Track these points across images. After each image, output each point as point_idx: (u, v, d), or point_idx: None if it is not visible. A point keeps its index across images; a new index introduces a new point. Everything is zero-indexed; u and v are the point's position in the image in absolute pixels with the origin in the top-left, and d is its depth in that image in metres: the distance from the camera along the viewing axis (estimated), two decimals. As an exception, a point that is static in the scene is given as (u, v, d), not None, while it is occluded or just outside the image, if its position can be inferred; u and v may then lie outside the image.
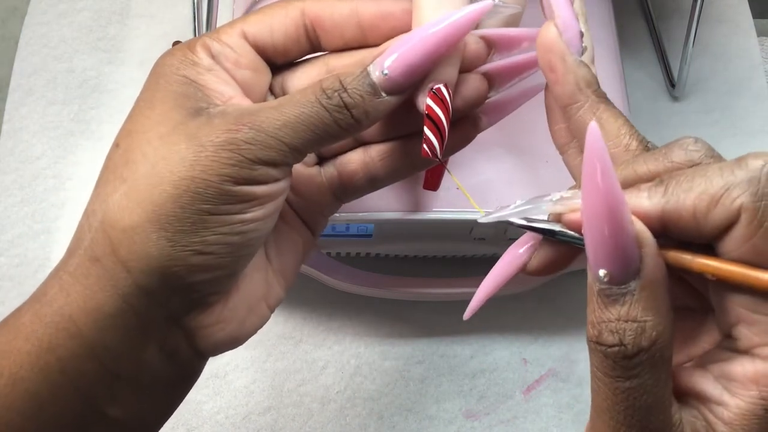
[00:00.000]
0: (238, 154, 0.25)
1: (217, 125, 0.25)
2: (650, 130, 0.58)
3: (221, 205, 0.25)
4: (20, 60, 0.59)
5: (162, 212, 0.25)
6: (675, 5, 0.63)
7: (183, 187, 0.25)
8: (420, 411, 0.48)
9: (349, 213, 0.40)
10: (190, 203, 0.25)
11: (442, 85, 0.28)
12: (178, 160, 0.25)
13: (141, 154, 0.26)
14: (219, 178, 0.25)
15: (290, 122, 0.26)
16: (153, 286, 0.25)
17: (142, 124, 0.26)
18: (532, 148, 0.43)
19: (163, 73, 0.27)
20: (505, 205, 0.28)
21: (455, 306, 0.51)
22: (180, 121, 0.26)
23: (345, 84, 0.26)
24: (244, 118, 0.26)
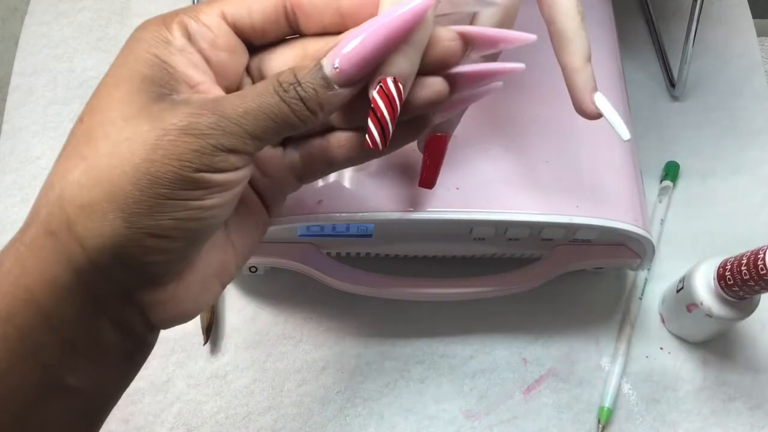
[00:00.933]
0: (200, 140, 0.25)
1: (180, 110, 0.26)
2: (650, 130, 0.58)
3: (180, 191, 0.26)
4: (20, 60, 0.59)
5: (120, 193, 0.25)
6: (675, 5, 0.63)
7: (143, 170, 0.25)
8: (420, 411, 0.48)
9: (349, 213, 0.40)
10: (148, 186, 0.25)
11: (390, 78, 0.28)
12: (140, 142, 0.25)
13: (103, 133, 0.26)
14: (179, 164, 0.25)
15: (251, 111, 0.26)
16: (106, 263, 0.26)
17: (107, 102, 0.27)
18: (532, 148, 0.43)
19: (133, 50, 0.28)
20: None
21: (455, 306, 0.51)
22: (144, 104, 0.26)
23: (299, 77, 0.27)
24: (207, 104, 0.26)
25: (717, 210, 0.55)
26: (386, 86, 0.28)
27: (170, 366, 0.48)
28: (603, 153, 0.44)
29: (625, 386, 0.49)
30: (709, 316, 0.45)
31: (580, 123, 0.36)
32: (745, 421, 0.49)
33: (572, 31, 0.34)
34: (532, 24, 0.36)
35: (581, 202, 0.42)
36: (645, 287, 0.52)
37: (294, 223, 0.41)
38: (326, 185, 0.41)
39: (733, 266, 0.43)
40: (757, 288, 0.42)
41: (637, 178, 0.45)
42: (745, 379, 0.50)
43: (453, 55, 0.30)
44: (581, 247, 0.47)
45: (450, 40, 0.29)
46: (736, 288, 0.43)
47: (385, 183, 0.41)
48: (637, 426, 0.48)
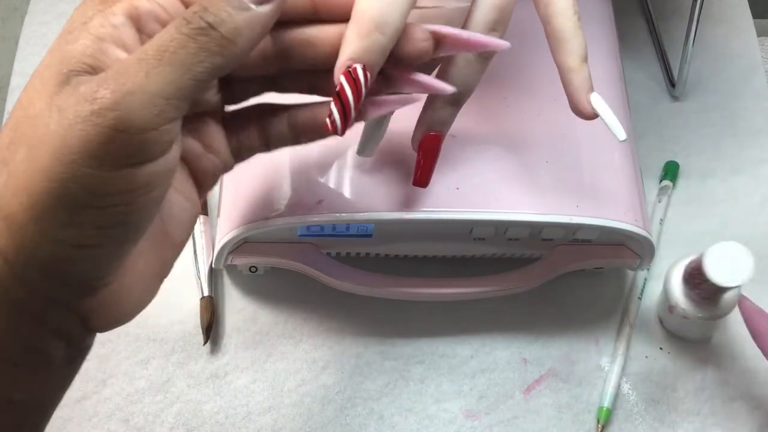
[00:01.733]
0: (108, 127, 0.22)
1: (81, 94, 0.23)
2: (650, 130, 0.58)
3: (101, 196, 0.23)
4: (20, 60, 0.59)
5: (37, 204, 0.23)
6: (675, 5, 0.63)
7: (56, 178, 0.23)
8: (420, 411, 0.48)
9: (349, 213, 0.40)
10: (65, 195, 0.23)
11: (360, 66, 0.28)
12: (49, 143, 0.23)
13: (21, 134, 0.24)
14: (95, 162, 0.22)
15: (155, 69, 0.23)
16: (32, 278, 0.24)
17: (29, 95, 0.24)
18: (532, 148, 0.43)
19: (70, 29, 0.25)
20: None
21: (455, 306, 0.51)
22: (54, 90, 0.24)
23: (205, 3, 0.24)
24: (106, 80, 0.23)
25: (717, 210, 0.55)
26: (354, 73, 0.28)
27: (170, 366, 0.48)
28: (603, 153, 0.44)
29: (625, 386, 0.49)
30: (685, 317, 0.45)
31: (580, 123, 0.36)
32: (745, 421, 0.49)
33: (569, 30, 0.34)
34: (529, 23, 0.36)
35: (581, 202, 0.42)
36: (644, 287, 0.52)
37: (294, 223, 0.41)
38: (326, 185, 0.41)
39: (692, 267, 0.43)
40: (710, 291, 0.42)
41: (637, 178, 0.45)
42: (745, 379, 0.50)
43: (423, 56, 0.30)
44: (581, 247, 0.47)
45: (422, 40, 0.29)
46: (699, 290, 0.43)
47: (385, 183, 0.41)
48: (637, 426, 0.48)
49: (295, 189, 0.41)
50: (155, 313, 0.49)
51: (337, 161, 0.42)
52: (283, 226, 0.41)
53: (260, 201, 0.41)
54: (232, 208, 0.42)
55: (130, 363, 0.48)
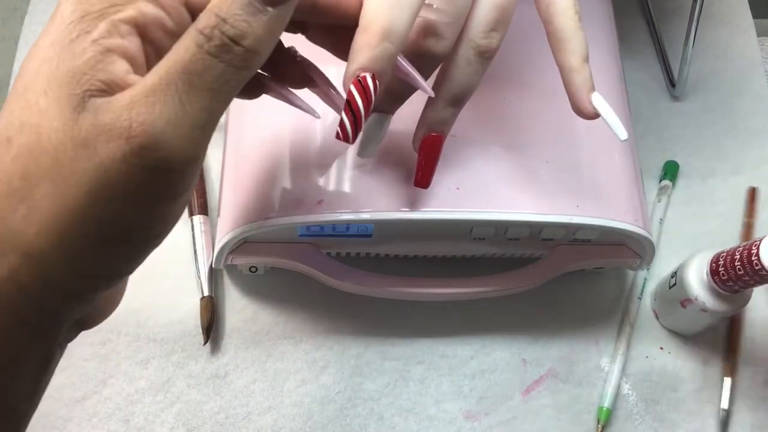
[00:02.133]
0: (149, 169, 0.22)
1: (108, 127, 0.22)
2: (650, 130, 0.58)
3: (139, 232, 0.23)
4: (20, 60, 0.59)
5: (70, 244, 0.22)
6: (675, 5, 0.63)
7: (94, 219, 0.22)
8: (420, 411, 0.48)
9: (349, 213, 0.40)
10: (103, 236, 0.22)
11: (369, 75, 0.28)
12: (81, 185, 0.22)
13: (37, 166, 0.22)
14: (134, 202, 0.22)
15: (187, 97, 0.22)
16: (55, 309, 0.24)
17: (36, 117, 0.22)
18: (532, 148, 0.43)
19: (69, 40, 0.23)
20: None
21: (455, 306, 0.51)
22: (71, 116, 0.22)
23: (222, 14, 0.22)
24: (133, 110, 0.22)
25: (717, 210, 0.55)
26: (365, 82, 0.28)
27: (170, 366, 0.48)
28: (603, 153, 0.44)
29: (625, 386, 0.49)
30: (704, 311, 0.45)
31: (580, 123, 0.36)
32: (746, 422, 0.49)
33: (570, 30, 0.34)
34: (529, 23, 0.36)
35: (581, 202, 0.42)
36: (644, 287, 0.52)
37: (294, 223, 0.41)
38: (326, 185, 0.41)
39: (726, 261, 0.43)
40: (752, 282, 0.42)
41: (637, 178, 0.45)
42: (745, 378, 0.50)
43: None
44: (581, 247, 0.47)
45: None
46: (731, 283, 0.43)
47: (385, 183, 0.41)
48: (637, 426, 0.48)
49: (295, 189, 0.41)
50: (155, 313, 0.49)
51: (337, 161, 0.42)
52: (283, 226, 0.41)
53: (260, 201, 0.41)
54: (232, 208, 0.42)
55: (130, 363, 0.48)
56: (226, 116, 0.47)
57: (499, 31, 0.33)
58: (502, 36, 0.33)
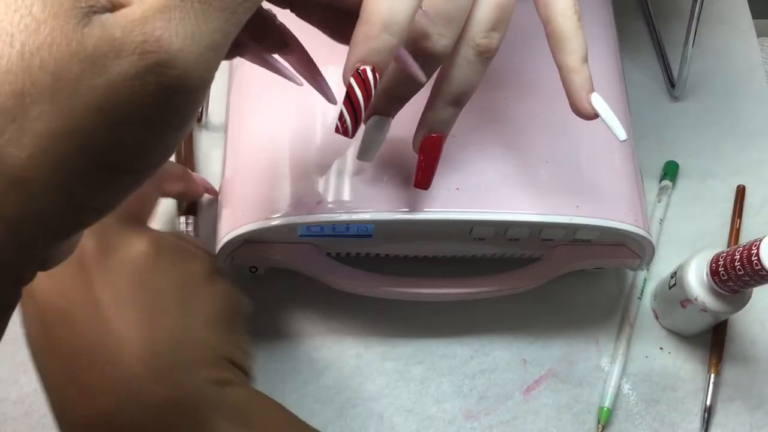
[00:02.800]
0: (165, 89, 0.21)
1: (118, 41, 0.20)
2: (650, 130, 0.58)
3: (142, 159, 0.22)
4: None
5: (68, 170, 0.21)
6: (675, 6, 0.63)
7: (98, 143, 0.21)
8: (420, 411, 0.48)
9: (349, 213, 0.40)
10: (106, 162, 0.21)
11: (369, 68, 0.28)
12: (86, 104, 0.20)
13: (32, 83, 0.20)
14: (144, 126, 0.21)
15: (203, 15, 0.21)
16: (38, 245, 0.22)
17: (31, 28, 0.20)
18: (532, 148, 0.43)
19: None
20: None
21: (455, 306, 0.51)
22: (71, 31, 0.20)
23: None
24: (147, 25, 0.20)
25: (716, 210, 0.55)
26: (364, 74, 0.28)
27: (170, 366, 0.48)
28: (603, 153, 0.44)
29: (625, 386, 0.49)
30: (704, 311, 0.45)
31: (580, 123, 0.36)
32: (745, 421, 0.49)
33: (569, 31, 0.34)
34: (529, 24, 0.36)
35: (581, 202, 0.42)
36: (644, 287, 0.52)
37: (294, 223, 0.41)
38: (326, 185, 0.41)
39: (726, 261, 0.43)
40: (752, 282, 0.42)
41: (637, 178, 0.45)
42: (745, 379, 0.50)
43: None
44: (581, 247, 0.47)
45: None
46: (731, 283, 0.43)
47: (385, 183, 0.41)
48: (637, 426, 0.48)
49: (295, 189, 0.41)
50: (155, 313, 0.49)
51: (337, 162, 0.42)
52: (283, 226, 0.41)
53: (260, 201, 0.41)
54: (232, 209, 0.42)
55: (130, 363, 0.48)
56: (226, 116, 0.47)
57: (499, 31, 0.33)
58: (502, 36, 0.33)
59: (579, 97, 0.35)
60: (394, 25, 0.28)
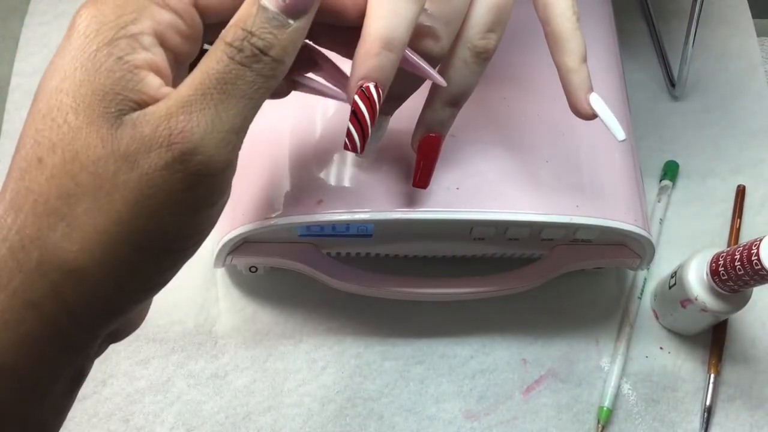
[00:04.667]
0: (192, 174, 0.23)
1: (148, 138, 0.22)
2: (650, 130, 0.58)
3: (183, 240, 0.24)
4: (20, 60, 0.59)
5: (116, 258, 0.23)
6: (675, 6, 0.63)
7: (135, 229, 0.22)
8: (420, 411, 0.48)
9: (349, 213, 0.40)
10: (149, 246, 0.23)
11: (372, 84, 0.28)
12: (122, 197, 0.22)
13: (75, 185, 0.23)
14: (179, 209, 0.23)
15: (223, 104, 0.23)
16: (98, 325, 0.24)
17: (69, 137, 0.23)
18: (532, 148, 0.43)
19: (94, 55, 0.23)
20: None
21: (455, 306, 0.51)
22: (108, 132, 0.23)
23: (248, 27, 0.24)
24: (171, 119, 0.23)
25: (716, 210, 0.55)
26: (368, 91, 0.28)
27: (170, 366, 0.48)
28: (603, 153, 0.44)
29: (625, 386, 0.49)
30: (704, 310, 0.45)
31: (580, 123, 0.36)
32: (745, 421, 0.49)
33: (568, 31, 0.34)
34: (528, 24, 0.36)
35: (581, 202, 0.42)
36: (644, 287, 0.52)
37: (294, 223, 0.41)
38: (326, 185, 0.41)
39: (726, 261, 0.43)
40: (752, 282, 0.42)
41: (637, 178, 0.45)
42: (745, 379, 0.50)
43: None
44: (581, 247, 0.47)
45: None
46: (731, 282, 0.43)
47: (385, 183, 0.41)
48: (637, 426, 0.48)
49: (295, 189, 0.41)
50: (155, 313, 0.49)
51: (337, 161, 0.42)
52: (283, 226, 0.41)
53: (260, 201, 0.41)
54: (231, 208, 0.42)
55: (130, 363, 0.48)
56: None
57: (496, 31, 0.33)
58: (500, 37, 0.33)
59: (578, 98, 0.35)
60: (393, 41, 0.28)
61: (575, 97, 0.35)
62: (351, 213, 0.40)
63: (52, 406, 0.25)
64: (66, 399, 0.26)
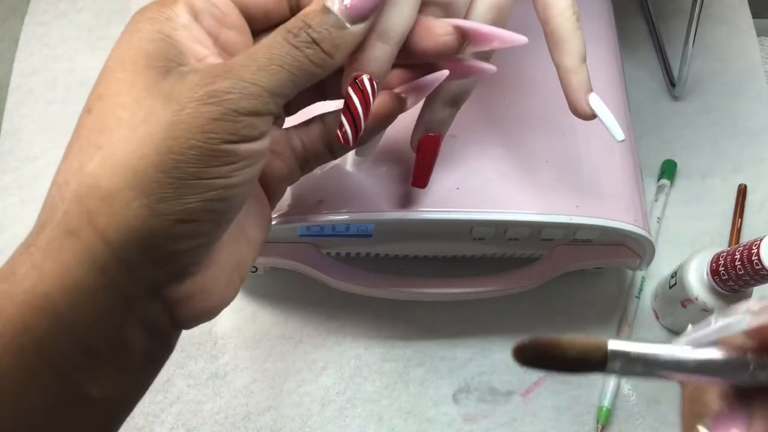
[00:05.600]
0: (221, 106, 0.24)
1: (191, 80, 0.25)
2: (650, 130, 0.58)
3: (207, 168, 0.24)
4: (20, 60, 0.59)
5: (143, 178, 0.24)
6: (675, 5, 0.63)
7: (165, 150, 0.24)
8: (419, 413, 0.48)
9: (349, 213, 0.40)
10: (173, 167, 0.24)
11: (366, 76, 0.28)
12: (156, 121, 0.24)
13: (115, 119, 0.25)
14: (204, 136, 0.24)
15: (264, 65, 0.25)
16: (133, 257, 0.24)
17: (114, 86, 0.25)
18: (532, 148, 0.43)
19: (135, 30, 0.26)
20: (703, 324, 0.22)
21: (455, 307, 0.51)
22: (153, 80, 0.25)
23: (309, 21, 0.27)
24: (217, 69, 0.25)
25: (716, 209, 0.55)
26: (362, 83, 0.28)
27: (170, 366, 0.48)
28: (603, 153, 0.44)
29: (625, 386, 0.49)
30: (705, 310, 0.45)
31: (580, 123, 0.36)
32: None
33: (567, 31, 0.34)
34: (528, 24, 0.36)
35: (581, 202, 0.42)
36: (642, 286, 0.52)
37: (294, 223, 0.41)
38: (326, 185, 0.41)
39: (726, 261, 0.43)
40: (752, 282, 0.42)
41: (637, 178, 0.45)
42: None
43: (448, 49, 0.30)
44: (581, 247, 0.47)
45: (445, 34, 0.30)
46: (731, 282, 0.43)
47: (385, 183, 0.41)
48: (637, 426, 0.48)
49: (295, 189, 0.41)
50: (155, 314, 0.49)
51: (337, 161, 0.41)
52: (283, 226, 0.41)
53: (260, 201, 0.41)
54: (231, 208, 0.42)
55: (129, 363, 0.48)
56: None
57: None
58: None
59: (577, 98, 0.35)
60: (388, 32, 0.28)
61: (574, 97, 0.35)
62: (351, 213, 0.40)
63: (109, 359, 0.25)
64: (125, 356, 0.26)
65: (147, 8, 0.27)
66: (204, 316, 0.28)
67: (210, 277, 0.27)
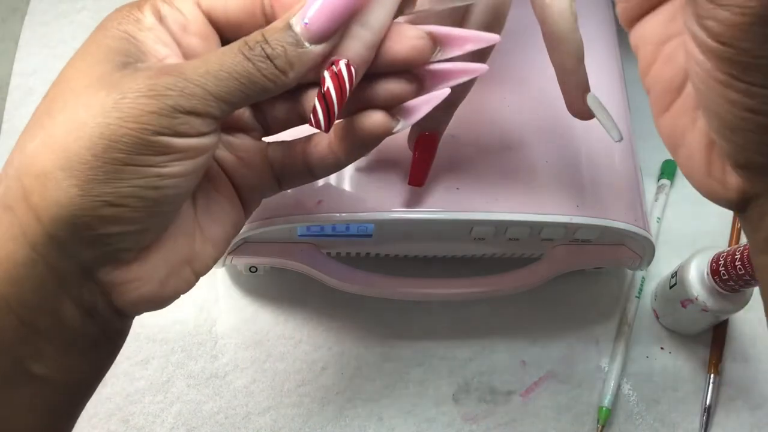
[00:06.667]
0: (158, 101, 0.25)
1: (141, 74, 0.25)
2: (650, 130, 0.58)
3: (137, 156, 0.25)
4: (20, 60, 0.59)
5: (75, 159, 0.24)
6: (675, 6, 0.63)
7: (98, 135, 0.24)
8: (419, 413, 0.48)
9: (349, 213, 0.40)
10: (104, 151, 0.24)
11: (343, 61, 0.28)
12: (96, 106, 0.25)
13: (62, 102, 0.26)
14: (137, 126, 0.25)
15: (213, 70, 0.26)
16: (62, 235, 0.25)
17: (70, 74, 0.26)
18: (531, 148, 0.43)
19: (104, 28, 0.27)
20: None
21: (455, 308, 0.51)
22: (107, 71, 0.26)
23: (267, 36, 0.27)
24: (167, 68, 0.26)
25: (716, 209, 0.55)
26: (338, 67, 0.28)
27: (170, 366, 0.48)
28: (603, 153, 0.44)
29: (626, 387, 0.49)
30: (705, 310, 0.45)
31: (579, 123, 0.36)
32: (745, 421, 0.49)
33: (565, 31, 0.34)
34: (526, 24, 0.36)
35: (581, 202, 0.42)
36: (642, 286, 0.52)
37: (294, 223, 0.41)
38: (326, 185, 0.41)
39: (726, 261, 0.43)
40: (753, 282, 0.42)
41: (636, 178, 0.45)
42: (745, 379, 0.50)
43: (420, 53, 0.29)
44: (581, 247, 0.47)
45: (417, 38, 0.29)
46: (731, 282, 0.43)
47: (385, 183, 0.41)
48: (637, 426, 0.48)
49: (295, 189, 0.41)
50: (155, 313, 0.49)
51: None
52: (283, 226, 0.41)
53: (260, 201, 0.41)
54: (231, 208, 0.42)
55: (130, 363, 0.48)
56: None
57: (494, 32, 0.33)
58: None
59: (575, 98, 0.35)
60: (369, 21, 0.28)
61: (572, 97, 0.35)
62: (351, 213, 0.40)
63: (49, 336, 0.26)
64: (66, 335, 0.27)
65: (118, 10, 0.28)
66: (142, 304, 0.29)
67: (149, 266, 0.28)
